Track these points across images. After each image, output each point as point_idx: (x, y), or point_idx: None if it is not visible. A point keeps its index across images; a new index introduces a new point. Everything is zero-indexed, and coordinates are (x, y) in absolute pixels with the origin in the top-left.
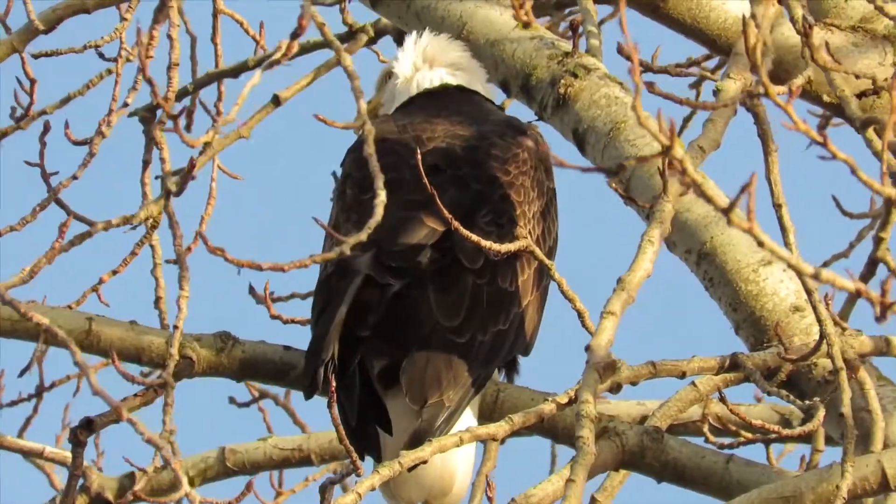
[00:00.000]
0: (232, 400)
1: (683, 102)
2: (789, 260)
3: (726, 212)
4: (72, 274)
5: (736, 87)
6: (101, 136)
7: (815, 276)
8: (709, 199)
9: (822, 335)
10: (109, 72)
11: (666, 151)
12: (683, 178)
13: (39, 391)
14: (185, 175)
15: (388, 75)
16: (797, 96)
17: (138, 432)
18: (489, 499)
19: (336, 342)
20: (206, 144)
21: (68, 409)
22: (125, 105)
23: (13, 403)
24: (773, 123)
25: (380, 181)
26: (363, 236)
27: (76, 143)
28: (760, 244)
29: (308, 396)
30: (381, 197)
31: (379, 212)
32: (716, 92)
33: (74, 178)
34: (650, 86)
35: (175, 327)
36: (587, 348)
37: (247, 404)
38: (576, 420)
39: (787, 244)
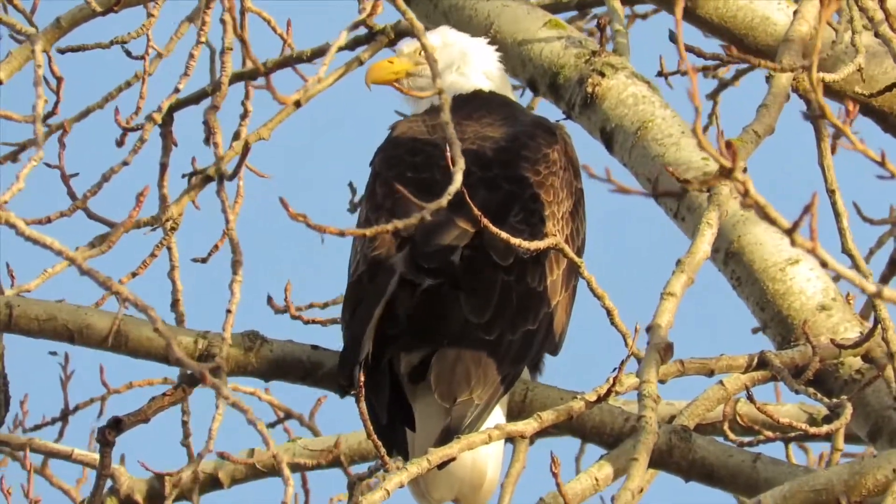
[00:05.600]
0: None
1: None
2: (853, 279)
3: (789, 233)
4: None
5: (787, 74)
6: (152, 121)
7: (878, 294)
8: (772, 222)
9: (877, 321)
10: (129, 84)
11: (727, 173)
12: (745, 199)
13: (65, 414)
14: (241, 159)
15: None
16: (825, 91)
17: (222, 396)
18: None
19: (371, 342)
20: (297, 103)
21: (92, 434)
22: (176, 90)
23: (37, 427)
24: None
25: (457, 148)
26: (444, 202)
27: (127, 130)
28: (824, 265)
29: (343, 395)
30: (461, 164)
31: (458, 178)
32: (768, 79)
33: (125, 163)
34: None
35: (228, 311)
36: (648, 329)
37: (272, 425)
38: (638, 400)
39: (840, 229)
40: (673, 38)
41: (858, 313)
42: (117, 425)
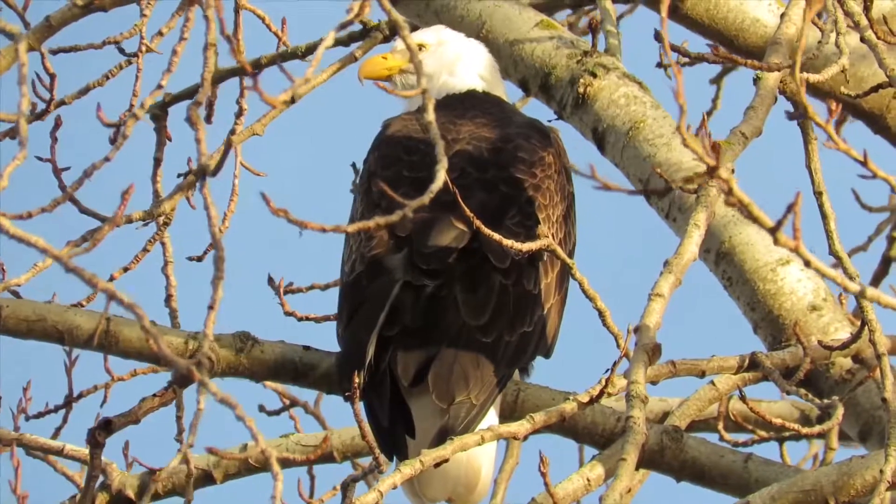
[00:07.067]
0: (262, 408)
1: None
2: (835, 278)
3: (773, 231)
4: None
5: (775, 76)
6: (135, 118)
7: (861, 294)
8: (755, 220)
9: (864, 322)
10: (129, 62)
11: (712, 172)
12: (729, 198)
13: (68, 401)
14: (223, 156)
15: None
16: (813, 92)
17: (210, 392)
18: None
19: (374, 348)
20: (291, 100)
21: (98, 419)
22: (159, 87)
23: (41, 415)
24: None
25: (440, 147)
26: (426, 199)
27: (108, 125)
28: (807, 264)
29: (347, 400)
30: (444, 163)
31: (441, 176)
32: (755, 81)
33: (107, 159)
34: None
35: (210, 307)
36: (636, 329)
37: (277, 412)
38: (626, 400)
39: (827, 231)
40: (658, 36)
41: (851, 313)
42: (107, 426)
